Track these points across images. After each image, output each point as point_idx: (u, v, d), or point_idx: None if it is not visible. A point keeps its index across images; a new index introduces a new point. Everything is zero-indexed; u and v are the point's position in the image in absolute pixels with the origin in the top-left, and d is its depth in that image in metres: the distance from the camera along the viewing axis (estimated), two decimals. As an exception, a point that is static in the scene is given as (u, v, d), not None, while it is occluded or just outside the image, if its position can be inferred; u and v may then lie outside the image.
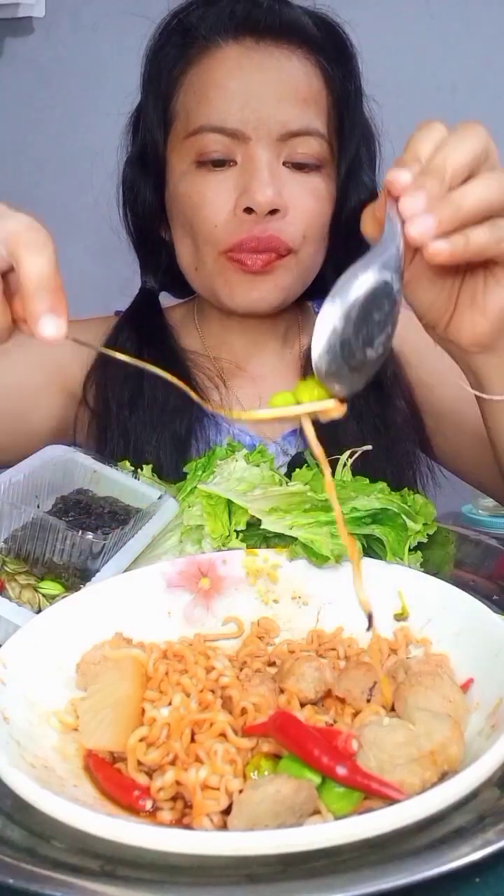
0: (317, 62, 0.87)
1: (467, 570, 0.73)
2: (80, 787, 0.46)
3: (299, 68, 0.86)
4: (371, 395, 0.94)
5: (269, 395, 0.97)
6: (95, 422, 0.95)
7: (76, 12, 1.61)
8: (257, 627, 0.63)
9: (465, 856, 0.37)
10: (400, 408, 0.97)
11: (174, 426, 0.92)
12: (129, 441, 0.91)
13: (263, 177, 0.83)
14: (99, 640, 0.56)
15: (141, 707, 0.50)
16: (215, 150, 0.85)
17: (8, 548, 0.66)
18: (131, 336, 0.96)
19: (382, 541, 0.69)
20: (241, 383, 0.98)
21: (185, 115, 0.87)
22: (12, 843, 0.40)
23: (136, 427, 0.91)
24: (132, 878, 0.37)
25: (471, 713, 0.50)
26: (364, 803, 0.43)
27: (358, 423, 0.93)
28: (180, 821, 0.45)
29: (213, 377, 0.96)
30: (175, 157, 0.89)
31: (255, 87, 0.84)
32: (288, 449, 0.96)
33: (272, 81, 0.84)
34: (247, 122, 0.84)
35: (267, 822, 0.41)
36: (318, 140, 0.87)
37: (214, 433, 0.95)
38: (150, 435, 0.91)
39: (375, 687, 0.52)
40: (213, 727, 0.48)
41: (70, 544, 0.65)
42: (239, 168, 0.85)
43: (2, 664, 0.51)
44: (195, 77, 0.87)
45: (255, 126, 0.84)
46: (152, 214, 0.94)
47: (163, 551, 0.71)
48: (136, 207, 0.95)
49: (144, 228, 0.96)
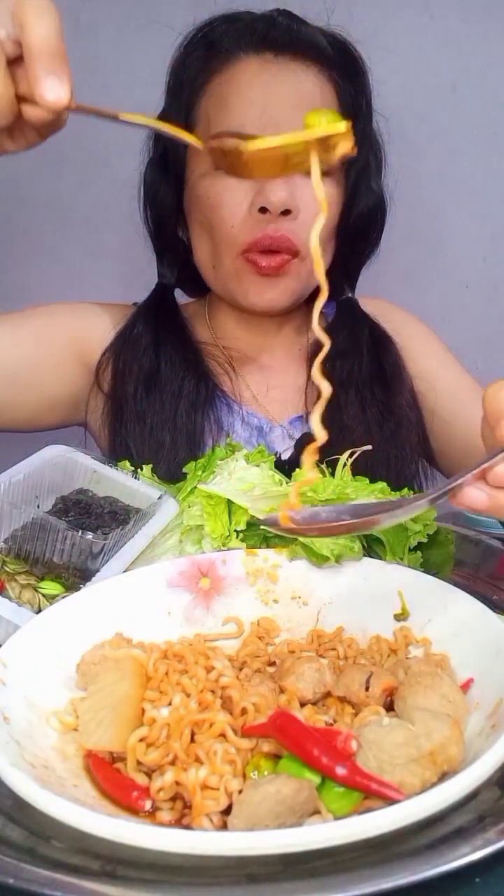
0: (330, 77, 0.92)
1: (467, 570, 0.73)
2: (80, 787, 0.46)
3: (314, 81, 0.91)
4: (375, 383, 0.99)
5: (277, 383, 1.02)
6: (108, 406, 0.98)
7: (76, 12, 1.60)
8: (257, 627, 0.63)
9: (465, 856, 0.37)
10: (403, 395, 1.01)
11: (188, 409, 0.95)
12: (144, 424, 0.94)
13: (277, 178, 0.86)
14: (99, 640, 0.56)
15: (141, 707, 0.50)
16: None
17: (8, 548, 0.66)
18: (148, 326, 1.00)
19: (382, 541, 0.69)
20: (250, 370, 1.02)
21: (206, 121, 0.92)
22: (12, 843, 0.40)
23: (152, 410, 0.95)
24: (132, 878, 0.37)
25: (471, 713, 0.50)
26: (364, 803, 0.43)
27: (362, 408, 0.97)
28: (179, 821, 0.45)
29: (223, 364, 1.00)
30: (195, 160, 0.93)
31: (272, 96, 0.88)
32: (294, 433, 0.99)
33: (288, 92, 0.89)
34: (264, 127, 0.87)
35: (267, 822, 0.41)
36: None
37: (227, 414, 0.98)
38: (166, 418, 0.94)
39: (373, 677, 0.52)
40: (212, 727, 0.48)
41: (70, 544, 0.65)
42: None
43: (2, 664, 0.51)
44: (217, 86, 0.92)
45: (272, 131, 0.85)
46: (171, 213, 0.99)
47: (163, 551, 0.71)
48: (156, 206, 1.00)
49: (163, 226, 1.01)
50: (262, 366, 1.03)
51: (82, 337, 0.99)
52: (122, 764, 0.48)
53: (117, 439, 0.96)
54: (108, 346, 0.99)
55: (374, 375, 0.99)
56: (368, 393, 0.98)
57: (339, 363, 0.99)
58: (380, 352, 1.01)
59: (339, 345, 0.99)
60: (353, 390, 0.97)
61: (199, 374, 0.97)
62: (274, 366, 1.03)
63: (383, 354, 1.01)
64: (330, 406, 0.48)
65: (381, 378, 0.99)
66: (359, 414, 0.96)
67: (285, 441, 0.98)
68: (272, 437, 0.98)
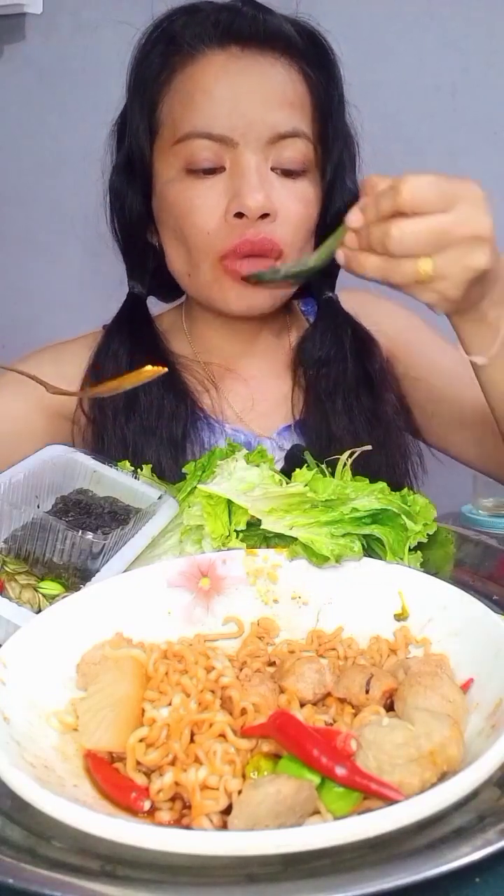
0: (300, 69, 0.88)
1: (467, 570, 0.73)
2: (80, 787, 0.46)
3: (284, 74, 0.87)
4: (362, 391, 0.96)
5: (262, 396, 1.01)
6: (91, 430, 0.95)
7: (76, 12, 1.61)
8: (257, 627, 0.63)
9: (465, 856, 0.37)
10: (389, 401, 0.99)
11: (170, 430, 0.92)
12: (127, 447, 0.92)
13: (253, 181, 0.84)
14: (99, 640, 0.56)
15: (141, 707, 0.50)
16: (205, 157, 0.85)
17: (8, 548, 0.66)
18: (122, 342, 0.97)
19: (382, 541, 0.69)
20: (232, 385, 0.99)
21: (171, 122, 0.88)
22: (12, 843, 0.40)
23: (134, 433, 0.92)
24: (132, 878, 0.37)
25: (471, 713, 0.50)
26: (363, 803, 0.43)
27: (350, 418, 0.95)
28: (179, 821, 0.45)
29: (203, 381, 0.97)
30: (162, 164, 0.89)
31: (241, 92, 0.84)
32: (283, 444, 0.97)
33: (258, 86, 0.85)
34: (234, 127, 0.84)
35: (267, 822, 0.41)
36: (304, 142, 0.87)
37: (208, 435, 0.96)
38: (149, 440, 0.92)
39: (373, 679, 0.52)
40: (212, 728, 0.48)
41: (70, 544, 0.65)
42: (228, 173, 0.86)
43: (2, 664, 0.51)
44: (180, 84, 0.87)
45: (244, 131, 0.84)
46: (139, 221, 0.95)
47: (163, 551, 0.71)
48: (123, 214, 0.95)
49: (131, 234, 0.97)
50: (246, 378, 1.00)
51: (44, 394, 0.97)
52: (122, 764, 0.48)
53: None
54: (85, 373, 0.95)
55: (359, 382, 0.97)
56: (355, 401, 0.96)
57: (325, 371, 0.97)
58: (364, 356, 0.99)
59: (324, 352, 0.98)
60: (339, 399, 0.95)
61: (177, 392, 0.94)
62: (257, 376, 1.00)
63: (368, 359, 0.99)
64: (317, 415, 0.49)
65: (367, 384, 0.97)
66: (347, 423, 0.94)
67: (276, 453, 0.93)
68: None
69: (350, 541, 0.65)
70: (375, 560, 0.66)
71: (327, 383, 0.96)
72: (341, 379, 0.97)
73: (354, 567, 0.65)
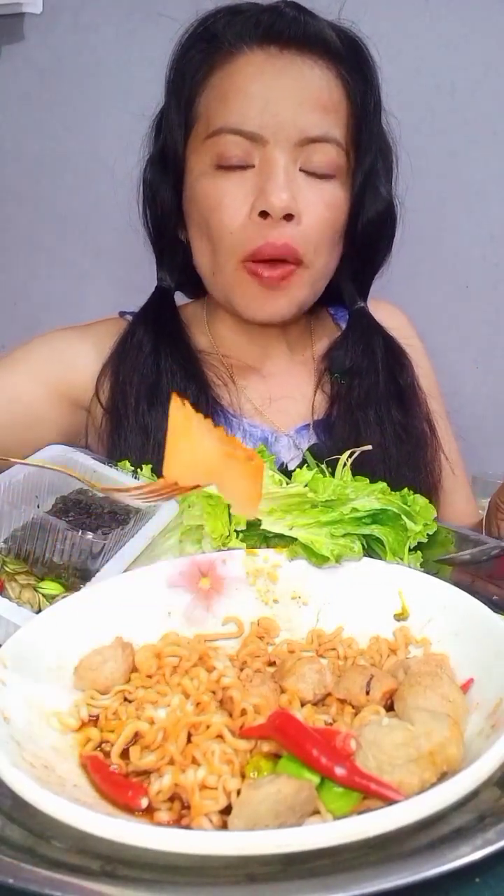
0: (338, 73, 0.88)
1: (467, 570, 0.73)
2: (79, 787, 0.46)
3: (321, 77, 0.87)
4: (393, 403, 0.96)
5: (282, 393, 1.00)
6: (107, 420, 0.95)
7: (76, 12, 1.61)
8: (257, 627, 0.63)
9: (465, 856, 0.37)
10: (419, 415, 0.98)
11: None
12: (148, 434, 0.91)
13: (279, 180, 0.84)
14: (99, 640, 0.56)
15: None
16: (234, 153, 0.86)
17: (8, 548, 0.66)
18: (148, 334, 0.97)
19: (382, 541, 0.69)
20: (251, 382, 1.00)
21: (205, 117, 0.89)
22: (12, 843, 0.40)
23: (155, 421, 0.92)
24: (132, 878, 0.37)
25: (471, 713, 0.50)
26: (363, 803, 0.43)
27: (381, 430, 0.94)
28: (178, 821, 0.45)
29: (222, 375, 0.98)
30: (194, 158, 0.90)
31: (275, 91, 0.85)
32: (300, 443, 0.97)
33: (293, 87, 0.85)
34: (266, 125, 0.85)
35: (267, 822, 0.41)
36: (335, 148, 0.88)
37: (227, 428, 0.95)
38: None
39: (373, 681, 0.52)
40: (209, 729, 0.48)
41: (70, 544, 0.65)
42: (256, 171, 0.86)
43: (2, 664, 0.51)
44: (218, 80, 0.88)
45: (274, 130, 0.85)
46: (170, 214, 0.96)
47: (163, 551, 0.71)
48: (156, 207, 0.97)
49: (162, 227, 0.98)
50: (265, 375, 1.00)
51: (62, 379, 0.96)
52: (120, 761, 0.48)
53: (115, 452, 0.92)
54: (107, 359, 0.96)
55: (391, 395, 0.97)
56: (386, 414, 0.95)
57: (357, 381, 0.96)
58: (396, 369, 0.98)
59: (355, 362, 0.97)
60: (371, 411, 0.95)
61: (198, 384, 0.94)
62: (277, 374, 1.00)
63: (400, 372, 0.98)
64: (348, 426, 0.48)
65: (398, 397, 0.96)
66: (378, 435, 0.93)
67: (291, 451, 0.96)
68: (278, 446, 0.96)
69: (350, 541, 0.65)
70: (375, 560, 0.66)
71: (359, 394, 0.96)
72: (373, 390, 0.96)
73: (354, 567, 0.65)
